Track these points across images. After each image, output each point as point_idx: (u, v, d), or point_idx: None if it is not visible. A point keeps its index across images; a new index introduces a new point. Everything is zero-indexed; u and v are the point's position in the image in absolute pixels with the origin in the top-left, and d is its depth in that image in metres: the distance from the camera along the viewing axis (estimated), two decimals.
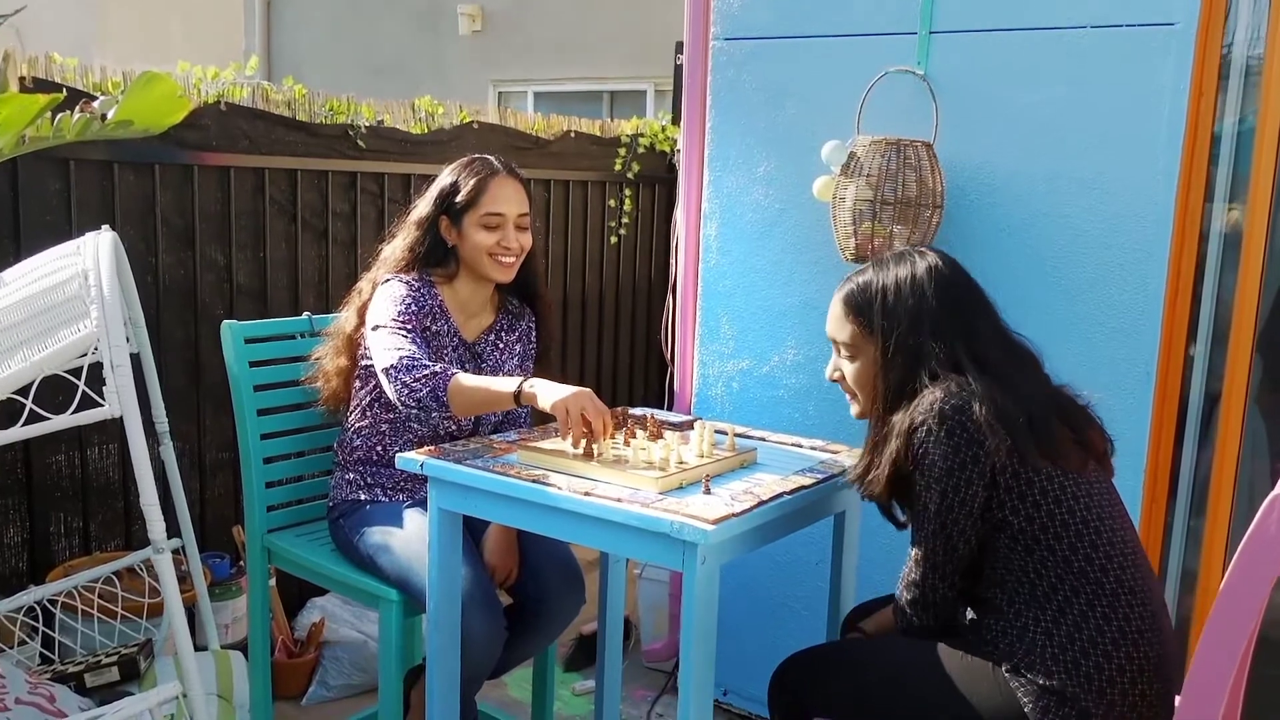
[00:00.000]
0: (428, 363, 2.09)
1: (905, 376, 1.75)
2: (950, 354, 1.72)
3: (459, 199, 2.27)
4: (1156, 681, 1.64)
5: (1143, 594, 1.68)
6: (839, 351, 1.88)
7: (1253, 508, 2.54)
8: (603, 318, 4.45)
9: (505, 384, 2.02)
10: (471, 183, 2.27)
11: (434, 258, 2.31)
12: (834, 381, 1.92)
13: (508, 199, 2.29)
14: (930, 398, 1.69)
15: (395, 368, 2.08)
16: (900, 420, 1.73)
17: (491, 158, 2.34)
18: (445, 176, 2.33)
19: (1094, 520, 1.69)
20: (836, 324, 1.86)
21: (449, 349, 2.31)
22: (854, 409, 1.90)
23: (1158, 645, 1.66)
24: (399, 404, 2.09)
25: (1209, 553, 2.42)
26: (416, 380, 2.05)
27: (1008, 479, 1.67)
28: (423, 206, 2.33)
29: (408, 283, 2.26)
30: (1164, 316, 2.31)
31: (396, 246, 2.34)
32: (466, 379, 2.05)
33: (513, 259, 2.30)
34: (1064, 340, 2.34)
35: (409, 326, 2.17)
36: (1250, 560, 1.32)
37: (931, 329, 1.74)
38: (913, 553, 1.76)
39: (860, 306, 1.81)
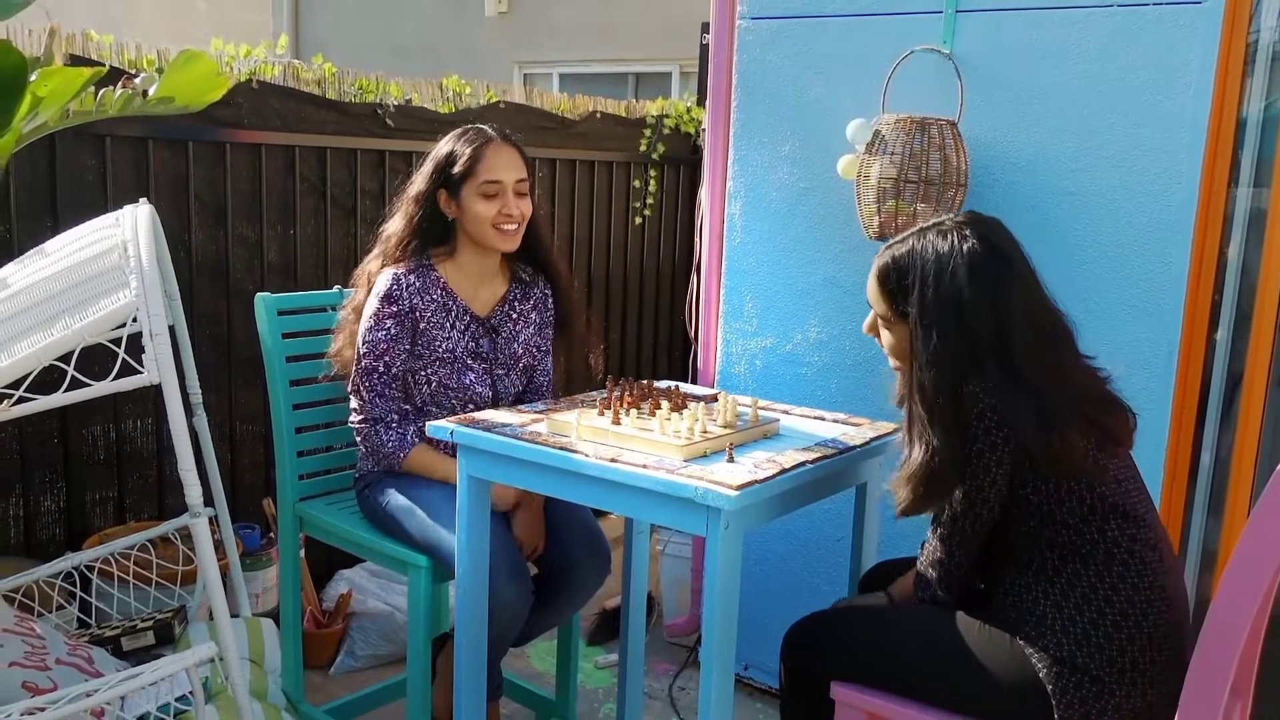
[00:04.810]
0: (385, 437, 2.29)
1: (933, 364, 1.69)
2: (979, 352, 1.67)
3: (456, 169, 2.26)
4: (1167, 649, 1.66)
5: (1154, 564, 1.70)
6: (877, 316, 1.86)
7: None
8: (626, 298, 4.47)
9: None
10: (467, 152, 2.26)
11: (434, 235, 2.31)
12: (869, 334, 1.89)
13: (504, 166, 2.27)
14: (966, 389, 1.66)
15: (356, 430, 2.32)
16: (926, 411, 1.70)
17: (486, 126, 2.33)
18: (441, 148, 2.31)
19: (1110, 495, 1.70)
20: (872, 295, 1.83)
21: (459, 330, 2.31)
22: (891, 362, 1.88)
23: (1167, 613, 1.68)
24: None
25: (1229, 533, 2.43)
26: (373, 451, 2.31)
27: (1029, 463, 1.67)
28: (419, 181, 2.31)
29: (397, 278, 2.25)
30: (1187, 296, 2.31)
31: (397, 225, 2.33)
32: (420, 461, 2.29)
33: (514, 226, 2.29)
34: (1086, 319, 2.30)
35: (377, 371, 2.28)
36: (1262, 527, 1.34)
37: (961, 323, 1.68)
38: (940, 531, 1.77)
39: (893, 287, 1.76)
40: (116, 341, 1.80)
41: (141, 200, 2.13)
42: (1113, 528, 1.69)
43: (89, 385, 1.74)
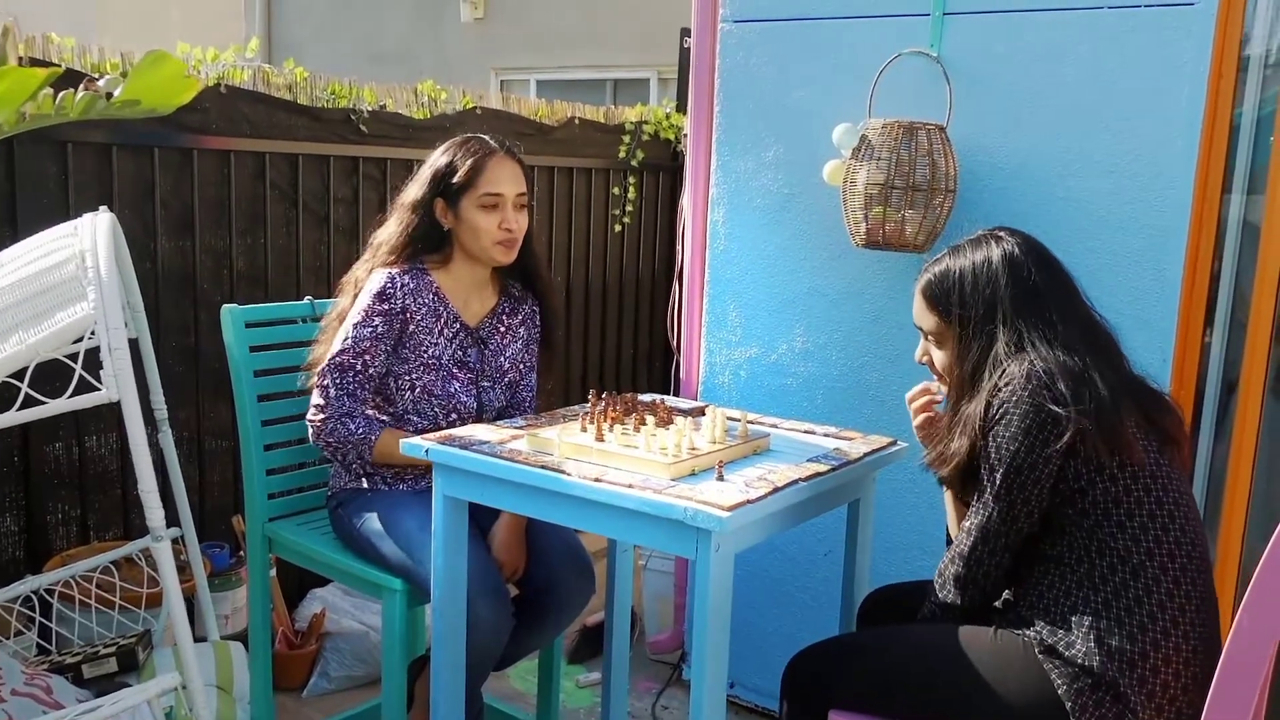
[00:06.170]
0: (352, 425, 2.18)
1: (980, 362, 1.73)
2: (1024, 340, 1.70)
3: (455, 180, 2.21)
4: (1202, 675, 1.60)
5: (1202, 588, 1.64)
6: (926, 338, 1.87)
7: (1270, 497, 2.53)
8: (606, 306, 4.41)
9: None
10: (469, 163, 2.21)
11: (429, 243, 2.26)
12: (922, 364, 1.91)
13: (506, 179, 2.22)
14: (1016, 366, 1.67)
15: (317, 429, 2.20)
16: (975, 404, 1.70)
17: (487, 137, 2.28)
18: (439, 156, 2.25)
19: (1169, 504, 1.64)
20: (919, 314, 1.86)
21: (447, 337, 2.26)
22: (945, 389, 1.89)
23: (1207, 640, 1.62)
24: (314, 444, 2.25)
25: (1225, 542, 2.39)
26: (339, 444, 2.20)
27: (1088, 449, 1.62)
28: (415, 188, 2.25)
29: (392, 277, 2.20)
30: (1181, 303, 2.27)
31: (391, 232, 2.27)
32: (392, 446, 2.13)
33: (513, 241, 2.25)
34: None
35: (354, 369, 2.19)
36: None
37: (1005, 316, 1.73)
38: (965, 524, 1.72)
39: (937, 296, 1.80)
40: (74, 356, 1.73)
41: (101, 208, 2.05)
42: (1169, 541, 1.63)
43: (44, 403, 1.66)
